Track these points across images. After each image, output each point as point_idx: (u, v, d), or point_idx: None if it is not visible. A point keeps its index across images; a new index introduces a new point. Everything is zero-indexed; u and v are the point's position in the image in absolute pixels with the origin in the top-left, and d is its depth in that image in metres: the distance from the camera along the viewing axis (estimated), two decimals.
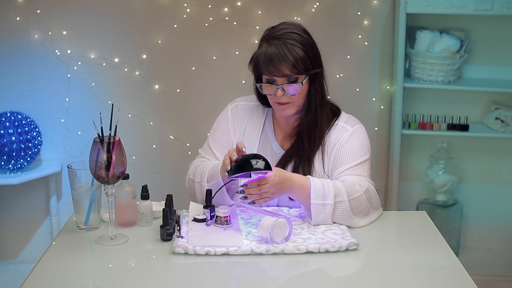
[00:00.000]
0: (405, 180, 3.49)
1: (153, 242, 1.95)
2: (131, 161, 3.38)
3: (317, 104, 2.15)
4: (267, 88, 2.11)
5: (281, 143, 2.23)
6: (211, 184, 2.11)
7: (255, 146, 2.23)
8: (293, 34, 2.08)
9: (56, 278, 1.74)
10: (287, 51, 2.04)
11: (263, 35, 2.14)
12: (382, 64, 3.39)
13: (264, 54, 2.07)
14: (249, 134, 2.24)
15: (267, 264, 1.81)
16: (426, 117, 3.37)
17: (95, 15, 3.30)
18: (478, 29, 3.33)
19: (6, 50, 3.32)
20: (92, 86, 3.37)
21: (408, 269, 1.81)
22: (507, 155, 3.47)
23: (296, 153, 2.17)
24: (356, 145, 2.15)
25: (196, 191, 2.18)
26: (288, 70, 2.05)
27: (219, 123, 2.29)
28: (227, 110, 2.29)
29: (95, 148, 1.87)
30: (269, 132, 2.25)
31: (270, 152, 2.23)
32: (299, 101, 2.12)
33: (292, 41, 2.06)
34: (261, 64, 2.08)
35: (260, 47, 2.12)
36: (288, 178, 1.99)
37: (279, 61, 2.04)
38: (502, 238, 3.53)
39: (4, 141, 3.16)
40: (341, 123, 2.19)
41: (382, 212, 2.14)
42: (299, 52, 2.06)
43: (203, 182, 2.14)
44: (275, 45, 2.06)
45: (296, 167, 2.15)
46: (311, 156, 2.15)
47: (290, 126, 2.21)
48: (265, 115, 2.27)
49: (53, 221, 3.44)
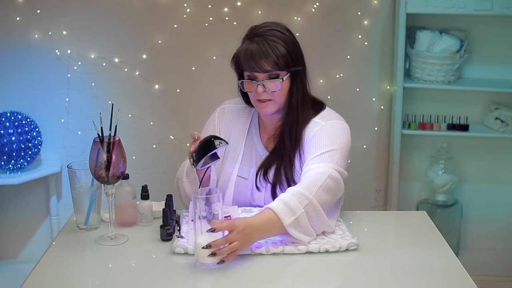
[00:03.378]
0: (405, 180, 3.49)
1: (153, 242, 1.95)
2: (131, 161, 3.38)
3: (298, 102, 2.12)
4: (248, 85, 2.11)
5: (266, 144, 2.22)
6: (191, 179, 2.14)
7: (241, 148, 2.23)
8: (275, 32, 2.08)
9: (56, 278, 1.74)
10: (268, 47, 2.05)
11: (246, 33, 2.14)
12: (382, 64, 3.39)
13: (245, 51, 2.07)
14: (235, 137, 2.25)
15: (267, 264, 1.81)
16: (426, 117, 3.37)
17: (95, 15, 3.30)
18: (478, 29, 3.33)
19: (6, 50, 3.32)
20: (92, 86, 3.37)
21: (408, 269, 1.81)
22: (507, 155, 3.47)
23: (278, 154, 2.15)
24: (326, 135, 2.06)
25: (180, 188, 2.20)
26: (269, 66, 2.05)
27: (207, 126, 2.31)
28: (215, 113, 2.31)
29: (95, 148, 1.87)
30: (254, 134, 2.25)
31: (255, 154, 2.22)
32: (280, 98, 2.10)
33: (274, 38, 2.06)
34: (242, 60, 2.08)
35: (242, 44, 2.12)
36: (249, 223, 1.81)
37: (260, 57, 2.05)
38: (502, 238, 3.53)
39: (4, 141, 3.16)
40: (316, 119, 2.13)
41: (381, 212, 2.13)
42: (281, 48, 2.06)
43: (183, 177, 2.17)
44: (256, 42, 2.06)
45: (278, 169, 2.13)
46: (292, 155, 2.12)
47: (274, 126, 2.19)
48: (251, 116, 2.27)
49: (53, 221, 3.44)
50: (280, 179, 2.13)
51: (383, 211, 2.17)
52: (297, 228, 1.86)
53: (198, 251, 1.76)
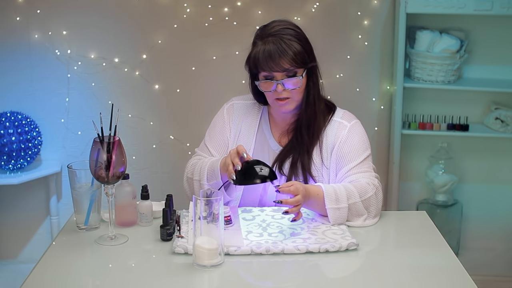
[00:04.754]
0: (405, 180, 3.49)
1: (153, 242, 1.95)
2: (131, 161, 3.38)
3: (315, 98, 2.17)
4: (266, 85, 2.12)
5: (279, 139, 2.24)
6: (213, 184, 2.12)
7: (251, 144, 2.24)
8: (287, 30, 2.10)
9: (56, 278, 1.74)
10: (285, 46, 2.07)
11: (256, 34, 2.15)
12: (382, 64, 3.39)
13: (263, 51, 2.08)
14: (245, 132, 2.26)
15: (267, 264, 1.81)
16: (426, 117, 3.37)
17: (95, 15, 3.30)
18: (478, 29, 3.33)
19: (6, 50, 3.32)
20: (92, 86, 3.37)
21: (408, 269, 1.81)
22: (507, 155, 3.47)
23: (294, 148, 2.18)
24: (357, 141, 2.18)
25: (195, 189, 2.19)
26: (288, 64, 2.07)
27: (215, 122, 2.31)
28: (223, 110, 2.32)
29: (95, 148, 1.87)
30: (265, 129, 2.26)
31: (267, 149, 2.24)
32: (298, 96, 2.13)
33: (289, 36, 2.09)
34: (261, 61, 2.08)
35: (255, 45, 2.13)
36: (306, 189, 2.00)
37: (279, 56, 2.06)
38: (502, 238, 3.53)
39: (4, 141, 3.16)
40: (337, 119, 2.21)
41: (381, 212, 2.15)
42: (297, 46, 2.08)
43: (203, 181, 2.16)
44: (272, 42, 2.08)
45: (294, 162, 2.17)
46: (310, 149, 2.17)
47: (287, 122, 2.23)
48: (261, 112, 2.28)
49: (53, 221, 3.44)
50: (296, 172, 2.16)
51: (383, 211, 2.16)
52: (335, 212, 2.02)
53: (196, 252, 1.76)
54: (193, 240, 1.77)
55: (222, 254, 1.78)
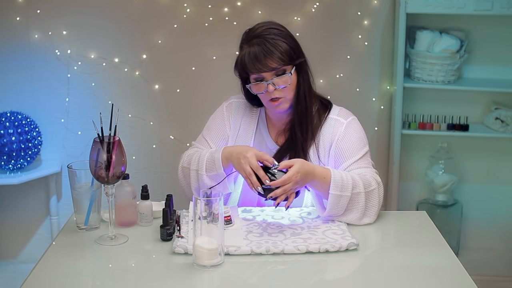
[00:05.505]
0: (405, 180, 3.49)
1: (153, 242, 1.95)
2: (131, 161, 3.38)
3: (305, 93, 2.17)
4: (257, 87, 2.13)
5: (276, 139, 2.25)
6: (212, 175, 2.11)
7: (250, 143, 2.25)
8: (271, 30, 2.11)
9: (56, 278, 1.74)
10: (270, 45, 2.07)
11: (242, 38, 2.17)
12: (382, 64, 3.39)
13: (248, 54, 2.09)
14: (244, 131, 2.27)
15: (267, 264, 1.81)
16: (426, 117, 3.37)
17: (95, 15, 3.30)
18: (478, 29, 3.33)
19: (6, 50, 3.32)
20: (92, 86, 3.37)
21: (408, 269, 1.81)
22: (507, 155, 3.47)
23: (290, 147, 2.18)
24: (355, 138, 2.18)
25: (192, 179, 2.17)
26: (275, 63, 2.08)
27: (214, 118, 2.32)
28: (223, 107, 2.33)
29: (95, 148, 1.87)
30: (262, 129, 2.27)
31: (265, 148, 2.24)
32: (290, 93, 2.13)
33: (273, 36, 2.09)
34: (247, 64, 2.10)
35: (241, 49, 2.14)
36: (310, 172, 1.99)
37: (265, 56, 2.07)
38: (502, 238, 3.53)
39: (4, 141, 3.16)
40: (334, 116, 2.21)
41: (381, 212, 2.15)
42: (282, 44, 2.09)
43: (201, 171, 2.14)
44: (257, 44, 2.09)
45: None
46: (305, 147, 2.17)
47: (283, 122, 2.23)
48: (258, 112, 2.29)
49: (53, 221, 3.44)
50: None
51: (383, 211, 2.16)
52: (336, 199, 2.01)
53: (196, 252, 1.76)
54: (193, 240, 1.77)
55: (222, 254, 1.78)
